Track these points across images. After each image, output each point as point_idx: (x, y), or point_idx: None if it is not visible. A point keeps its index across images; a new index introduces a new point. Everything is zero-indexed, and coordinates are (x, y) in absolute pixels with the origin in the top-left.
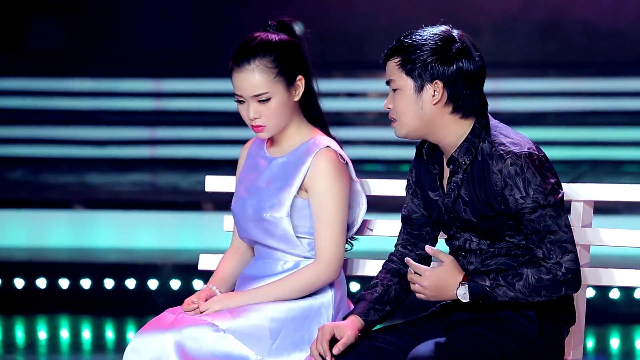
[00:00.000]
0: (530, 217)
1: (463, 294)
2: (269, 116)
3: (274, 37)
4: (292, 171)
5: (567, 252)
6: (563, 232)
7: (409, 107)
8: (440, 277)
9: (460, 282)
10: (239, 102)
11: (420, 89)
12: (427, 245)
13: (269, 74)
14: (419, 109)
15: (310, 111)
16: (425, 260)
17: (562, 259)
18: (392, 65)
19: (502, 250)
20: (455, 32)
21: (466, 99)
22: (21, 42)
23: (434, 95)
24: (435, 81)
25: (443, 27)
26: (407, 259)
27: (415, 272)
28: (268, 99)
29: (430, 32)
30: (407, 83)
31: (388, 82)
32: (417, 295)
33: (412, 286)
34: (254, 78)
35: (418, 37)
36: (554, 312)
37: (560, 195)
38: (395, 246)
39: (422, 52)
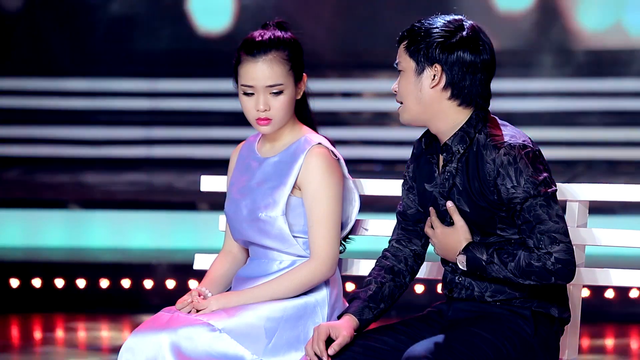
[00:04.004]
0: (520, 207)
1: (461, 261)
2: (277, 109)
3: (285, 34)
4: (285, 170)
5: (558, 242)
6: (553, 222)
7: (410, 89)
8: (446, 238)
9: (462, 250)
10: (247, 94)
11: (420, 71)
12: (448, 201)
13: (285, 66)
14: (418, 92)
15: (303, 111)
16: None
17: (552, 249)
18: (401, 47)
19: (494, 244)
20: (467, 23)
21: (465, 87)
22: (16, 41)
23: (432, 79)
24: (434, 65)
25: (457, 16)
26: (431, 208)
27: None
28: (280, 92)
29: (442, 20)
30: (410, 65)
31: (397, 65)
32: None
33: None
34: (272, 69)
35: (429, 22)
36: (549, 312)
37: (552, 189)
38: (390, 242)
39: (427, 36)
